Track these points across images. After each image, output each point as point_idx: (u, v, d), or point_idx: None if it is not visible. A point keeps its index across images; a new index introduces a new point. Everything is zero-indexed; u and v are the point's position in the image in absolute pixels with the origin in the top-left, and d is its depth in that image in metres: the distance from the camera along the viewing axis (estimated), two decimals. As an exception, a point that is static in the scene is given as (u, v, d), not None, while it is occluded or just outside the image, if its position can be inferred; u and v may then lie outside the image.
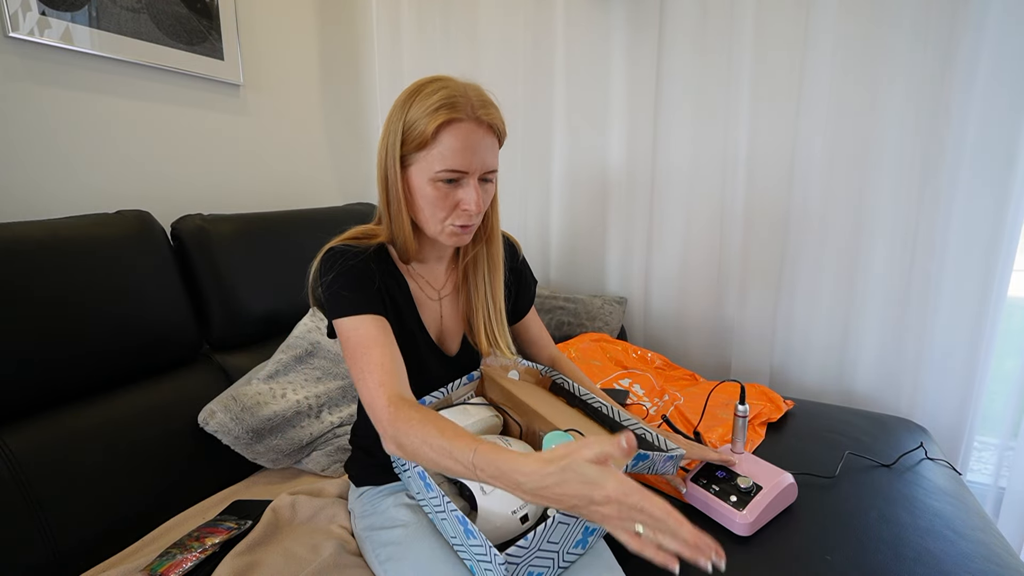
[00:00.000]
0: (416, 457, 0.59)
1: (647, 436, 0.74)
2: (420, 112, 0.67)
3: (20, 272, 0.87)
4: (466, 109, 0.67)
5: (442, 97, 0.66)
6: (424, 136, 0.67)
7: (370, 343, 0.68)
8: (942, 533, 0.83)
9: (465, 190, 0.70)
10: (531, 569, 0.60)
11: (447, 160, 0.67)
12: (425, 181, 0.69)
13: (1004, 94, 1.21)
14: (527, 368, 0.88)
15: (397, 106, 0.70)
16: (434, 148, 0.67)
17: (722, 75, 1.52)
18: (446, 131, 0.67)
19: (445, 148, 0.67)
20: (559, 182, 1.81)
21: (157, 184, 1.33)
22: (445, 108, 0.66)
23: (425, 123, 0.66)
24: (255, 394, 1.06)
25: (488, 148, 0.70)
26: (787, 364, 1.62)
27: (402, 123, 0.68)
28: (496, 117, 0.71)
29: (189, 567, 0.76)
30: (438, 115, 0.66)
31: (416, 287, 0.83)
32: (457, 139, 0.67)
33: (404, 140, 0.69)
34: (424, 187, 0.70)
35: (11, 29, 1.04)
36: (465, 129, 0.67)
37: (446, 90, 0.67)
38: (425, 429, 0.58)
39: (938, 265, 1.34)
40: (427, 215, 0.72)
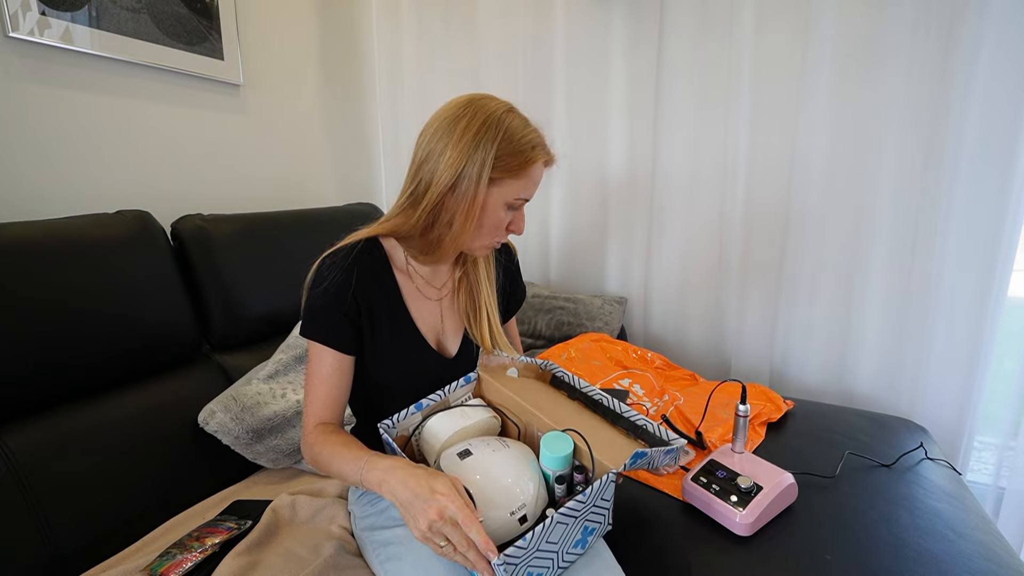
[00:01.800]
0: (323, 470, 0.73)
1: (648, 427, 0.74)
2: (521, 142, 0.73)
3: (20, 272, 0.87)
4: (545, 150, 0.77)
5: (536, 133, 0.76)
6: (524, 168, 0.74)
7: (321, 378, 0.76)
8: (942, 533, 0.83)
9: (519, 215, 0.80)
10: (530, 569, 0.60)
11: (527, 191, 0.77)
12: (501, 203, 0.75)
13: (1005, 94, 1.21)
14: (526, 364, 0.88)
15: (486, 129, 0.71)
16: (521, 179, 0.75)
17: (722, 74, 1.52)
18: (535, 167, 0.76)
19: (531, 181, 0.77)
20: (559, 182, 1.81)
21: (157, 184, 1.33)
22: (542, 148, 0.76)
23: (528, 155, 0.74)
24: (255, 394, 1.06)
25: None
26: (787, 364, 1.62)
27: (497, 145, 0.72)
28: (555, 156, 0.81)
29: (189, 567, 0.76)
30: (537, 151, 0.75)
31: (413, 287, 0.83)
32: (539, 176, 0.78)
33: (496, 164, 0.73)
34: (498, 208, 0.76)
35: (11, 29, 1.04)
36: (541, 169, 0.78)
37: (532, 126, 0.77)
38: (324, 448, 0.72)
39: (938, 265, 1.34)
40: (484, 231, 0.77)
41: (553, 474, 0.69)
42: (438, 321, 0.86)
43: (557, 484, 0.70)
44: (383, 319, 0.79)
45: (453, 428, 0.76)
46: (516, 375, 0.87)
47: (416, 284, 0.83)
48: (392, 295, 0.81)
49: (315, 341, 0.75)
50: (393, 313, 0.80)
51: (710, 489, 0.88)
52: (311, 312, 0.76)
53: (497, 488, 0.66)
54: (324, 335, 0.75)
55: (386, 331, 0.79)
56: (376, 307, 0.79)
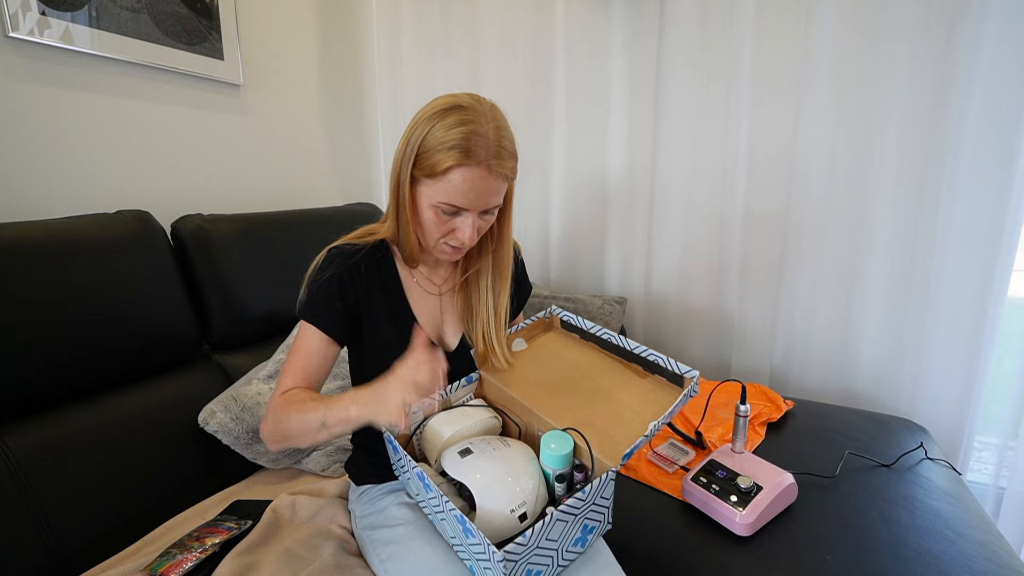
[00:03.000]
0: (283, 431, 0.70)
1: (659, 362, 0.76)
2: (437, 142, 0.68)
3: (20, 272, 0.87)
4: (479, 154, 0.67)
5: (462, 135, 0.67)
6: (434, 170, 0.68)
7: (302, 355, 0.77)
8: (942, 533, 0.83)
9: (462, 221, 0.72)
10: (530, 567, 0.60)
11: (450, 196, 0.70)
12: (427, 204, 0.72)
13: (1005, 94, 1.21)
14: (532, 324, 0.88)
15: (421, 121, 0.70)
16: (440, 182, 0.69)
17: (722, 74, 1.52)
18: (454, 172, 0.68)
19: (450, 186, 0.69)
20: (559, 182, 1.81)
21: (157, 184, 1.33)
22: (459, 151, 0.67)
23: (438, 158, 0.67)
24: (255, 394, 1.06)
25: (494, 191, 0.71)
26: (787, 364, 1.61)
27: (419, 144, 0.69)
28: (507, 167, 0.71)
29: (189, 567, 0.76)
30: (451, 155, 0.67)
31: (414, 282, 0.85)
32: (464, 182, 0.68)
33: (416, 162, 0.70)
34: (426, 209, 0.73)
35: (11, 29, 1.04)
36: (473, 174, 0.68)
37: (466, 127, 0.67)
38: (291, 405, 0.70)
39: (938, 265, 1.34)
40: (425, 231, 0.76)
41: (553, 473, 0.70)
42: (438, 315, 0.86)
43: (557, 483, 0.70)
44: (384, 312, 0.81)
45: (454, 428, 0.76)
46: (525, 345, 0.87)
47: (417, 279, 0.85)
48: (394, 289, 0.83)
49: (308, 323, 0.77)
50: (394, 306, 0.82)
51: (710, 489, 0.88)
52: (311, 296, 0.77)
53: (497, 486, 0.67)
54: (318, 319, 0.76)
55: (386, 324, 0.81)
56: (377, 301, 0.81)
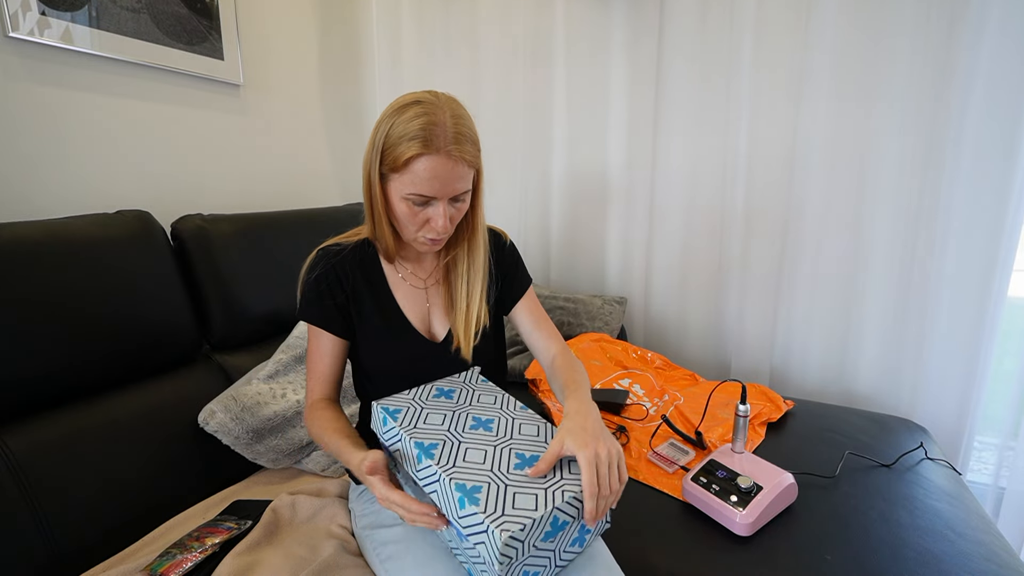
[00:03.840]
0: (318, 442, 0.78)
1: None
2: (396, 137, 0.71)
3: (20, 272, 0.87)
4: (438, 142, 0.70)
5: (419, 127, 0.70)
6: (397, 163, 0.71)
7: (318, 356, 0.83)
8: (942, 533, 0.83)
9: (434, 210, 0.75)
10: (527, 568, 0.60)
11: (416, 186, 0.72)
12: (398, 198, 0.75)
13: (1005, 93, 1.22)
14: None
15: (383, 120, 0.73)
16: (405, 174, 0.72)
17: (722, 74, 1.52)
18: (417, 162, 0.71)
19: (415, 176, 0.72)
20: (559, 182, 1.81)
21: (157, 184, 1.33)
22: (418, 141, 0.70)
23: (400, 151, 0.71)
24: (255, 394, 1.06)
25: (458, 177, 0.74)
26: (787, 364, 1.62)
27: (383, 142, 0.72)
28: (467, 152, 0.73)
29: (189, 567, 0.76)
30: (411, 146, 0.70)
31: (399, 278, 0.86)
32: (427, 170, 0.71)
33: (382, 159, 0.73)
34: (398, 203, 0.75)
35: (11, 29, 1.04)
36: (435, 162, 0.71)
37: (424, 119, 0.70)
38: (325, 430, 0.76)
39: (938, 265, 1.34)
40: (401, 225, 0.78)
41: None
42: (424, 308, 0.87)
43: None
44: (371, 308, 0.83)
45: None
46: None
47: (402, 274, 0.87)
48: (379, 285, 0.85)
49: (312, 324, 0.82)
50: (380, 301, 0.84)
51: (710, 489, 0.88)
52: (305, 298, 0.82)
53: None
54: (318, 318, 0.82)
55: (375, 318, 0.83)
56: (364, 297, 0.83)
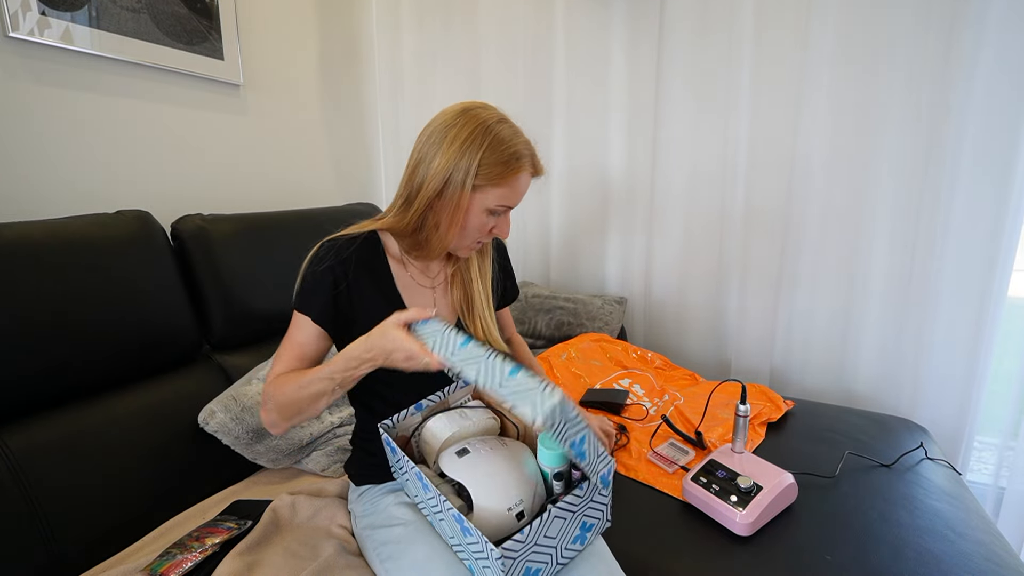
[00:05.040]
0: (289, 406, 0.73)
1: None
2: (501, 154, 0.76)
3: (20, 272, 0.87)
4: (532, 159, 0.80)
5: (523, 145, 0.79)
6: (504, 177, 0.77)
7: (295, 343, 0.80)
8: (942, 533, 0.83)
9: (503, 220, 0.82)
10: (529, 565, 0.60)
11: (509, 199, 0.79)
12: (482, 208, 0.78)
13: (1005, 94, 1.22)
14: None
15: (473, 137, 0.75)
16: (503, 188, 0.78)
17: (722, 74, 1.52)
18: (517, 177, 0.78)
19: (513, 190, 0.79)
20: (559, 182, 1.81)
21: (157, 184, 1.33)
22: (527, 160, 0.79)
23: (509, 166, 0.77)
24: (255, 394, 1.06)
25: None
26: (787, 364, 1.62)
27: (479, 158, 0.75)
28: (543, 168, 0.84)
29: (189, 567, 0.76)
30: (521, 164, 0.78)
31: (407, 276, 0.86)
32: (522, 186, 0.81)
33: (479, 173, 0.76)
34: (479, 213, 0.79)
35: (11, 29, 1.04)
36: (527, 178, 0.81)
37: (522, 137, 0.80)
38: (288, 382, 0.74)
39: (938, 265, 1.34)
40: (467, 233, 0.81)
41: (551, 471, 0.70)
42: (431, 307, 0.87)
43: (555, 481, 0.70)
44: (377, 307, 0.81)
45: (452, 428, 0.76)
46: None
47: (410, 273, 0.87)
48: (386, 284, 0.84)
49: (301, 312, 0.80)
50: (387, 300, 0.83)
51: (710, 489, 0.88)
52: (304, 289, 0.81)
53: (495, 485, 0.67)
54: (310, 309, 0.80)
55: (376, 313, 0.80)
56: (370, 297, 0.82)
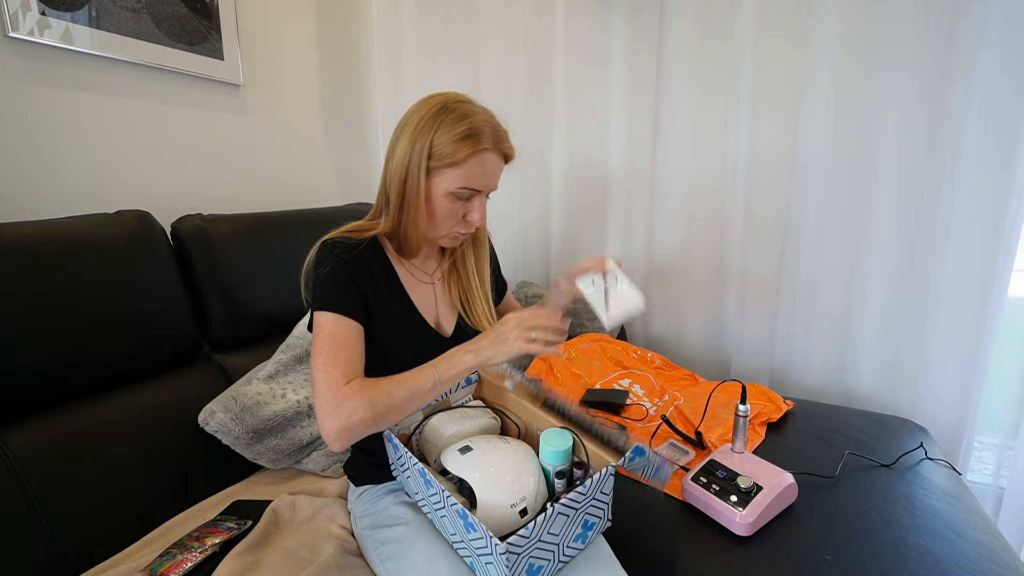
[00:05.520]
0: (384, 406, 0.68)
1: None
2: (456, 133, 0.74)
3: (20, 272, 0.87)
4: (495, 138, 0.77)
5: (481, 123, 0.76)
6: (456, 157, 0.75)
7: (343, 343, 0.74)
8: (942, 533, 0.83)
9: (475, 206, 0.80)
10: (532, 562, 0.60)
11: (470, 181, 0.77)
12: (443, 193, 0.77)
13: (1004, 94, 1.21)
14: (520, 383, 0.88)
15: (425, 121, 0.75)
16: (461, 168, 0.76)
17: (722, 75, 1.52)
18: (475, 158, 0.76)
19: (472, 171, 0.76)
20: (559, 182, 1.81)
21: (157, 184, 1.33)
22: (480, 137, 0.75)
23: (461, 145, 0.74)
24: (255, 394, 1.06)
25: (499, 173, 0.81)
26: (787, 364, 1.61)
27: (430, 139, 0.75)
28: (510, 148, 0.81)
29: (189, 567, 0.76)
30: (474, 141, 0.75)
31: (407, 274, 0.87)
32: (484, 166, 0.77)
33: (432, 155, 0.75)
34: (441, 199, 0.77)
35: (11, 29, 1.04)
36: (492, 159, 0.78)
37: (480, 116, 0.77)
38: (381, 382, 0.70)
39: (938, 265, 1.34)
40: (437, 221, 0.80)
41: (553, 469, 0.70)
42: (433, 303, 0.88)
43: (557, 479, 0.70)
44: (387, 301, 0.83)
45: (454, 428, 0.76)
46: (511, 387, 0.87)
47: (409, 270, 0.87)
48: (392, 279, 0.85)
49: (335, 312, 0.75)
50: (395, 295, 0.84)
51: (710, 489, 0.88)
52: (324, 288, 0.77)
53: (498, 482, 0.67)
54: (343, 306, 0.76)
55: (391, 311, 0.83)
56: (380, 290, 0.82)
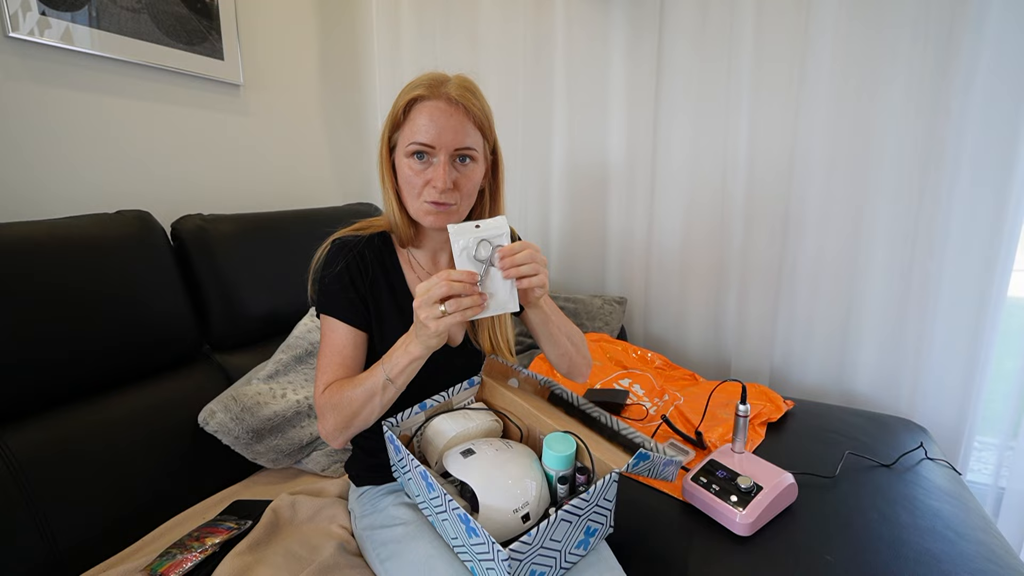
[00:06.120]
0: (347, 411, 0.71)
1: (646, 444, 0.74)
2: (402, 94, 0.74)
3: (20, 272, 0.87)
4: (440, 89, 0.72)
5: (420, 80, 0.73)
6: (398, 115, 0.73)
7: (335, 349, 0.77)
8: (942, 533, 0.83)
9: (431, 167, 0.73)
10: (533, 567, 0.60)
11: (416, 134, 0.72)
12: (402, 158, 0.74)
13: (1004, 93, 1.21)
14: (526, 377, 0.88)
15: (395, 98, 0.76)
16: (406, 125, 0.73)
17: (722, 73, 1.52)
18: (415, 108, 0.72)
19: (414, 124, 0.72)
20: (559, 182, 1.81)
21: (157, 184, 1.33)
22: (418, 87, 0.72)
23: (402, 100, 0.73)
24: (255, 394, 1.06)
25: (458, 126, 0.73)
26: (787, 364, 1.61)
27: (392, 107, 0.75)
28: (469, 99, 0.73)
29: (189, 567, 0.76)
30: (411, 93, 0.72)
31: (415, 276, 0.85)
32: (423, 115, 0.72)
33: (391, 125, 0.75)
34: (403, 166, 0.75)
35: (11, 29, 1.04)
36: (433, 106, 0.72)
37: (426, 74, 0.74)
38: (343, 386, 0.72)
39: (938, 265, 1.34)
40: (405, 193, 0.76)
41: (556, 474, 0.70)
42: None
43: (560, 484, 0.70)
44: (390, 304, 0.81)
45: (456, 429, 0.76)
46: (517, 385, 0.87)
47: (417, 273, 0.85)
48: (397, 282, 0.83)
49: (331, 316, 0.77)
50: (399, 299, 0.82)
51: (710, 489, 0.88)
52: (327, 290, 0.78)
53: (500, 486, 0.67)
54: (340, 311, 0.77)
55: (393, 316, 0.81)
56: (384, 293, 0.81)
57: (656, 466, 0.69)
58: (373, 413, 0.72)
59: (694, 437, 1.10)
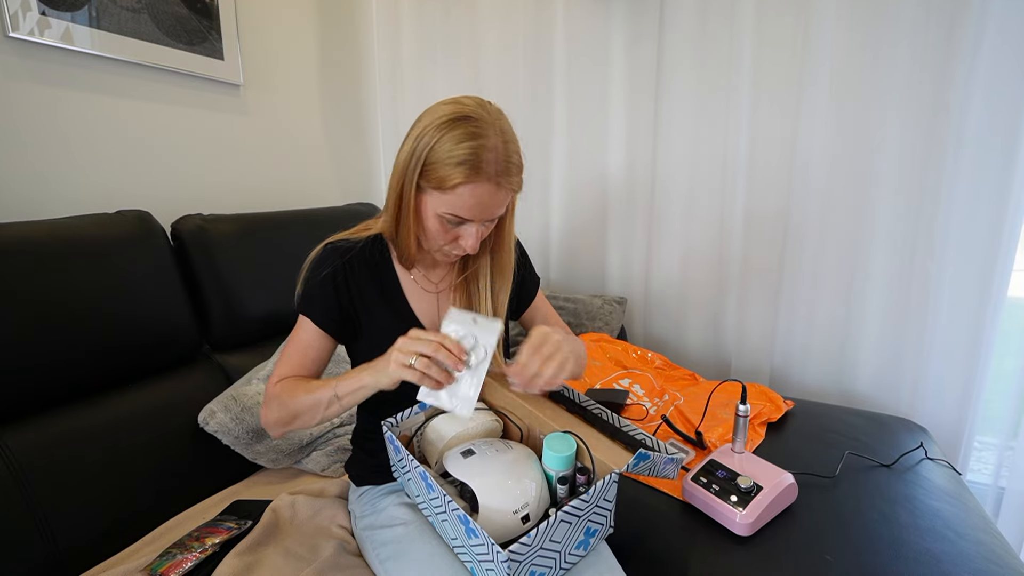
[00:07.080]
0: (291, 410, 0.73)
1: (647, 441, 0.74)
2: (446, 155, 0.67)
3: (20, 272, 0.87)
4: (488, 170, 0.67)
5: (471, 150, 0.66)
6: (443, 184, 0.68)
7: (300, 347, 0.80)
8: (942, 533, 0.83)
9: (466, 231, 0.73)
10: (533, 568, 0.60)
11: (457, 209, 0.70)
12: (432, 213, 0.72)
13: (1005, 94, 1.21)
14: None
15: (428, 130, 0.69)
16: (448, 195, 0.69)
17: (722, 75, 1.52)
18: (465, 187, 0.68)
19: (458, 200, 0.69)
20: (560, 183, 1.81)
21: (157, 184, 1.33)
22: (469, 167, 0.66)
23: (447, 172, 0.67)
24: (255, 394, 1.06)
25: (499, 204, 0.72)
26: (787, 364, 1.61)
27: (426, 155, 0.68)
28: (514, 183, 0.72)
29: (189, 567, 0.76)
30: (461, 171, 0.66)
31: (411, 280, 0.85)
32: (472, 197, 0.69)
33: (423, 173, 0.70)
34: (431, 217, 0.73)
35: (11, 29, 1.04)
36: (483, 190, 0.68)
37: (477, 141, 0.67)
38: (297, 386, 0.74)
39: (938, 265, 1.34)
40: (428, 237, 0.76)
41: (556, 474, 0.70)
42: (435, 314, 0.86)
43: (560, 485, 0.70)
44: (383, 309, 0.81)
45: (456, 429, 0.76)
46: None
47: (414, 277, 0.85)
48: (391, 287, 0.83)
49: (305, 316, 0.79)
50: (393, 303, 0.83)
51: (710, 489, 0.88)
52: (307, 291, 0.79)
53: (500, 487, 0.67)
54: (315, 313, 0.79)
55: (386, 320, 0.81)
56: (374, 299, 0.81)
57: (657, 464, 0.69)
58: (314, 420, 0.74)
59: (694, 437, 1.10)
